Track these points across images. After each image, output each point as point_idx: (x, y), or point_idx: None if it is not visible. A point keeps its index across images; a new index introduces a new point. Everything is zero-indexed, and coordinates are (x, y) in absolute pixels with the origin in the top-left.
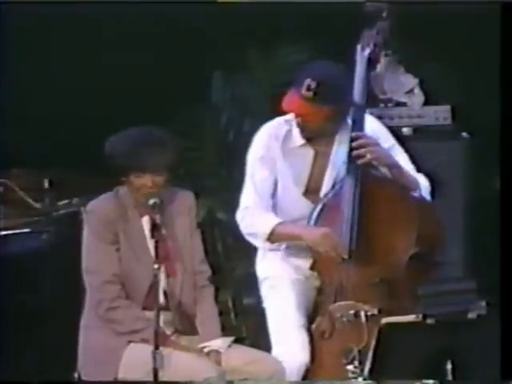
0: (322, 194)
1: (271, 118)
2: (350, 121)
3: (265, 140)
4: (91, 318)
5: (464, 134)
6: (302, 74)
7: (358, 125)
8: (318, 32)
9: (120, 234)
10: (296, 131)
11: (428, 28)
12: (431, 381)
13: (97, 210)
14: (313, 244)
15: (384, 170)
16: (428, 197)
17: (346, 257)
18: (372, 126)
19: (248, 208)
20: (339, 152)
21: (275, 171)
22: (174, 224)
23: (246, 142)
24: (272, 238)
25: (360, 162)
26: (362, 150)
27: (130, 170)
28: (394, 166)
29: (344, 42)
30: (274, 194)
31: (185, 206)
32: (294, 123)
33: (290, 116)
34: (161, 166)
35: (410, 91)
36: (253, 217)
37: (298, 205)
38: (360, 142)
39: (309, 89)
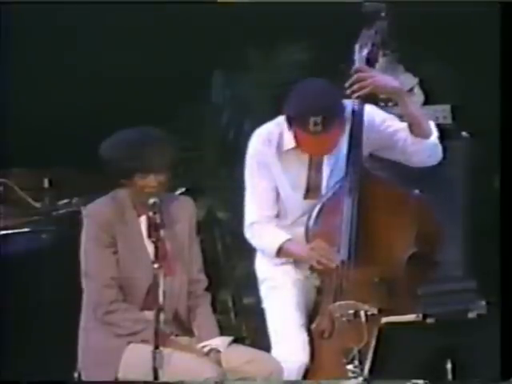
0: (322, 191)
1: (271, 117)
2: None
3: (258, 147)
4: (90, 319)
5: (464, 134)
6: (301, 111)
7: (358, 120)
8: (318, 32)
9: (117, 236)
10: (289, 133)
11: (427, 27)
12: (421, 381)
13: (94, 214)
14: (305, 260)
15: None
16: (437, 154)
17: (334, 265)
18: (371, 112)
19: (254, 224)
20: None
21: (273, 178)
22: (173, 228)
23: (246, 141)
24: (280, 255)
25: (362, 92)
26: (362, 83)
27: (133, 172)
28: (401, 94)
29: (343, 42)
30: (276, 200)
31: (186, 212)
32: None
33: (281, 118)
34: (164, 166)
35: (410, 90)
36: (261, 234)
37: (299, 207)
38: (359, 74)
39: (316, 124)
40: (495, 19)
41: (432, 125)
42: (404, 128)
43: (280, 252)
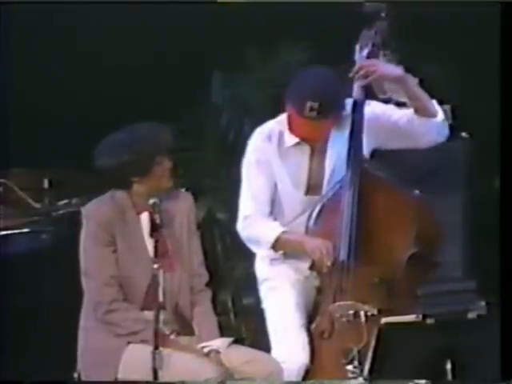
0: (323, 188)
1: (271, 118)
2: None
3: (258, 143)
4: (90, 319)
5: (464, 134)
6: (300, 94)
7: (358, 119)
8: (318, 32)
9: (117, 235)
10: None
11: (427, 28)
12: (423, 381)
13: (93, 213)
14: (306, 247)
15: (393, 88)
16: (445, 131)
17: (329, 264)
18: (370, 106)
19: (248, 217)
20: (334, 144)
21: (272, 175)
22: (173, 223)
23: (245, 142)
24: (276, 246)
25: (367, 80)
26: (365, 70)
27: (151, 163)
28: (405, 81)
29: (343, 42)
30: (272, 199)
31: (184, 206)
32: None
33: (282, 117)
34: (169, 146)
35: None
36: (255, 225)
37: (299, 204)
38: (363, 63)
39: (312, 109)
40: (495, 19)
41: (435, 103)
42: (405, 113)
43: (277, 242)
